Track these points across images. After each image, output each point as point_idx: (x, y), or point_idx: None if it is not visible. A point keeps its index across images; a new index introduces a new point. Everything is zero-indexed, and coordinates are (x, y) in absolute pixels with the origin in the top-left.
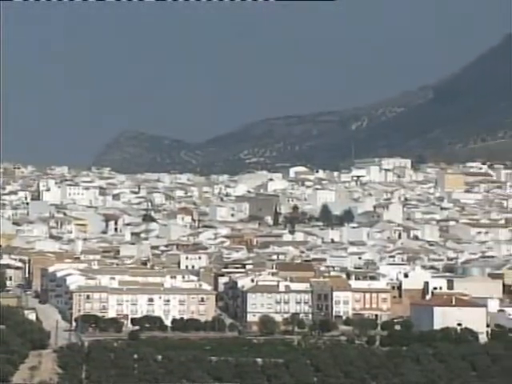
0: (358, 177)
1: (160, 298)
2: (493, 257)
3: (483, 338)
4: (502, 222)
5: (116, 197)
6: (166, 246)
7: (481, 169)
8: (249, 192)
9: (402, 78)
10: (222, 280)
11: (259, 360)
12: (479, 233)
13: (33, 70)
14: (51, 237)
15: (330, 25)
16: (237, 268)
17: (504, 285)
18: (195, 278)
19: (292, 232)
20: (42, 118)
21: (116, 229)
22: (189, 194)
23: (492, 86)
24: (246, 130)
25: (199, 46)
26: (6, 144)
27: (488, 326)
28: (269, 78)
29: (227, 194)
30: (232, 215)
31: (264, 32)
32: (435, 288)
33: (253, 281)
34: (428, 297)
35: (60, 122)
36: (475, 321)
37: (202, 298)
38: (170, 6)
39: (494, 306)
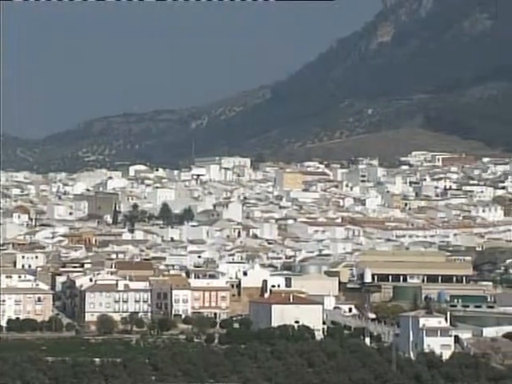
0: (198, 175)
1: None
2: (329, 255)
3: (319, 335)
4: (339, 220)
5: None
6: (2, 245)
7: (318, 168)
8: (88, 190)
9: (240, 77)
10: (60, 279)
11: (97, 360)
12: (316, 231)
13: None
14: None
15: (167, 25)
16: (75, 267)
17: (340, 282)
18: (32, 278)
19: (131, 231)
20: None
21: None
22: (25, 192)
23: (329, 87)
24: (84, 127)
25: (38, 43)
26: None
27: (324, 323)
28: (107, 76)
29: (65, 193)
30: (70, 214)
31: (104, 29)
32: (273, 286)
33: (91, 280)
34: (266, 295)
35: None
36: (312, 318)
37: (39, 298)
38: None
39: (330, 303)
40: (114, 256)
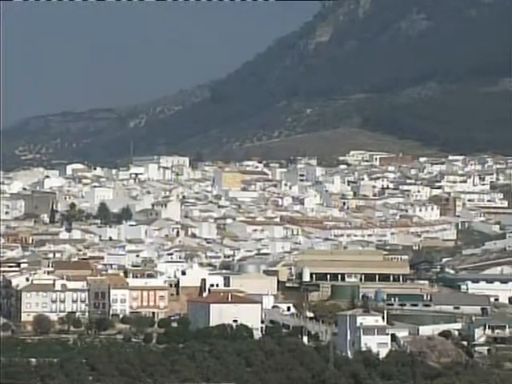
0: (137, 174)
1: None
2: (268, 254)
3: (258, 334)
4: (277, 219)
5: None
6: None
7: (257, 167)
8: (24, 189)
9: (179, 76)
10: None
11: (33, 360)
12: (255, 230)
13: None
14: None
15: (105, 23)
16: (11, 267)
17: (278, 281)
18: None
19: (69, 230)
20: None
21: None
22: None
23: (267, 87)
24: (21, 125)
25: None
26: None
27: (263, 322)
28: (44, 74)
29: (1, 191)
30: (7, 213)
31: (41, 28)
32: (212, 285)
33: (28, 279)
34: (205, 294)
35: None
36: (250, 317)
37: None
38: None
39: (268, 302)
40: (51, 255)
